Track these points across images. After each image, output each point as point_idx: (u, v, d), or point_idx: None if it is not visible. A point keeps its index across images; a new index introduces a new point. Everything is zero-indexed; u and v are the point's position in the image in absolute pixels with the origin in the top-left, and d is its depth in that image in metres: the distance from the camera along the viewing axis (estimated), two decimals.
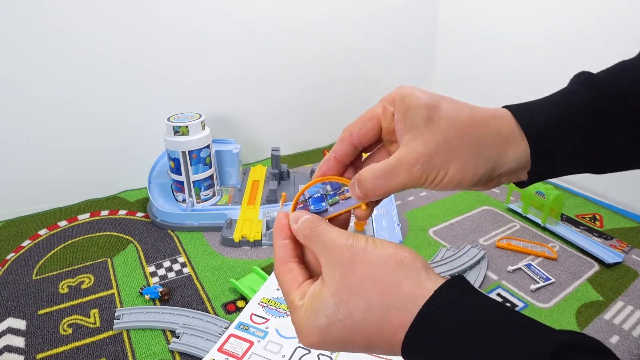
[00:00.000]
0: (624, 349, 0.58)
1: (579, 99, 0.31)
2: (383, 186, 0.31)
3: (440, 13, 1.30)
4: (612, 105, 0.30)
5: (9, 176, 0.89)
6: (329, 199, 0.34)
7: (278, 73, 1.11)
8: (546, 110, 0.31)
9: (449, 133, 0.30)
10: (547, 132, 0.30)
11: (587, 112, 0.30)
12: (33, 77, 0.84)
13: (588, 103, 0.31)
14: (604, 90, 0.31)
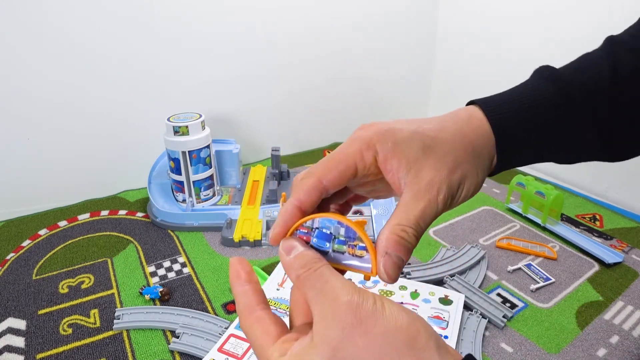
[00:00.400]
0: (624, 349, 0.59)
1: (544, 94, 0.32)
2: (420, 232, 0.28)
3: (440, 13, 1.30)
4: (576, 101, 0.31)
5: (9, 176, 0.89)
6: (337, 243, 0.28)
7: (278, 73, 1.11)
8: (512, 107, 0.32)
9: (452, 151, 0.30)
10: (513, 130, 0.31)
11: (552, 107, 0.32)
12: (33, 77, 0.84)
13: (553, 98, 0.32)
14: (567, 86, 0.32)
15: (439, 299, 0.65)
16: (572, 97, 0.31)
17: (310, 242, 0.28)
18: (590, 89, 0.31)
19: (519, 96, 0.32)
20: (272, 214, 0.83)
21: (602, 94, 0.31)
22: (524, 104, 0.32)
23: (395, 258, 0.27)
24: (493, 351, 0.58)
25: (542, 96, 0.32)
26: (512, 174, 1.04)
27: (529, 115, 0.32)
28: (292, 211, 0.29)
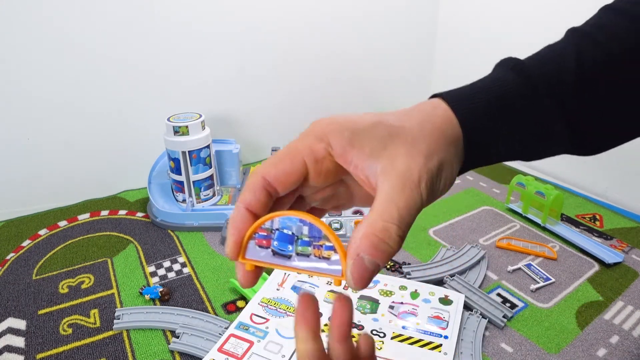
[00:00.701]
0: (623, 349, 0.59)
1: (510, 85, 0.30)
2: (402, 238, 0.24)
3: (440, 13, 1.30)
4: (542, 92, 0.29)
5: (9, 176, 0.89)
6: (300, 245, 0.25)
7: (278, 73, 1.11)
8: (477, 98, 0.29)
9: (423, 138, 0.26)
10: (480, 121, 0.29)
11: (518, 98, 0.29)
12: (33, 77, 0.84)
13: (519, 88, 0.30)
14: (533, 76, 0.30)
15: (439, 299, 0.65)
16: (538, 87, 0.30)
17: (271, 245, 0.25)
18: (556, 79, 0.30)
19: (483, 88, 0.30)
20: None
21: (569, 85, 0.30)
22: (489, 95, 0.29)
23: (368, 263, 0.23)
24: (493, 351, 0.58)
25: (507, 87, 0.30)
26: (512, 174, 1.04)
27: (495, 106, 0.29)
28: (242, 214, 0.26)
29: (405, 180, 0.24)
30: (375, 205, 0.24)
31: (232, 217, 0.26)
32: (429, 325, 0.61)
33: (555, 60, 0.31)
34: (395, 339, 0.58)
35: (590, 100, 0.30)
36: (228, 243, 0.26)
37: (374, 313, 0.63)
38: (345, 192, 0.30)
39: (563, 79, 0.30)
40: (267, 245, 0.25)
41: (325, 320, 0.62)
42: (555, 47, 0.33)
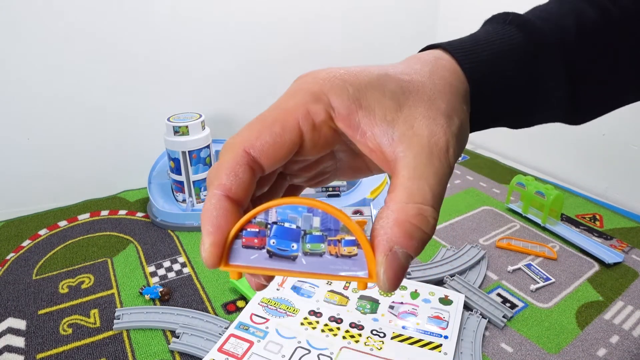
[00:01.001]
0: (624, 348, 0.59)
1: (513, 41, 0.27)
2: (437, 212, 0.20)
3: (440, 13, 1.30)
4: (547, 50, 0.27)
5: (9, 176, 0.89)
6: (309, 241, 0.19)
7: (278, 73, 1.11)
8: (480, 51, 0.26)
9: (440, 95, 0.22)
10: (485, 77, 0.26)
11: (524, 55, 0.27)
12: (33, 77, 0.84)
13: (524, 45, 0.27)
14: (534, 33, 0.27)
15: (439, 299, 0.65)
16: (543, 45, 0.27)
17: (266, 245, 0.19)
18: (558, 37, 0.28)
19: (487, 41, 0.27)
20: None
21: (572, 44, 0.28)
22: (493, 48, 0.26)
23: (403, 257, 0.18)
24: (493, 351, 0.58)
25: (512, 42, 0.27)
26: (512, 174, 1.04)
27: (500, 62, 0.26)
28: (221, 205, 0.19)
29: (432, 148, 0.20)
30: (400, 183, 0.19)
31: (208, 209, 0.19)
32: (429, 325, 0.61)
33: (554, 19, 0.29)
34: (395, 339, 0.58)
35: (590, 61, 0.28)
36: (205, 246, 0.19)
37: (374, 313, 0.63)
38: (331, 165, 0.24)
39: (565, 38, 0.28)
40: (260, 245, 0.19)
41: (326, 320, 0.62)
42: (550, 7, 0.30)
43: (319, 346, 0.57)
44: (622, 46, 0.29)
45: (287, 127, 0.20)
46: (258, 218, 0.19)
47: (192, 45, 0.97)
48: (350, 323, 0.61)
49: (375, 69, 0.22)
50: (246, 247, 0.19)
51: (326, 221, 0.19)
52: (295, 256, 0.19)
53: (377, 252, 0.18)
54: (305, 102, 0.20)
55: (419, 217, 0.18)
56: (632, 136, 0.93)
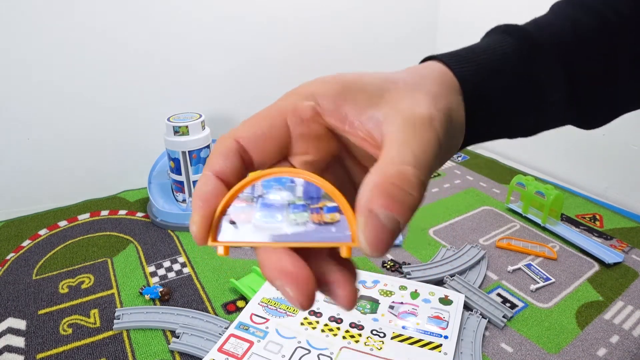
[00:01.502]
0: (624, 348, 0.59)
1: (508, 47, 0.27)
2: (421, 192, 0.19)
3: (440, 13, 1.30)
4: (544, 55, 0.27)
5: (9, 176, 0.89)
6: (292, 212, 0.19)
7: (278, 73, 1.11)
8: (475, 60, 0.26)
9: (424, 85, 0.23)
10: (480, 84, 0.26)
11: (520, 61, 0.27)
12: (33, 77, 0.84)
13: (519, 51, 0.27)
14: (530, 39, 0.28)
15: (439, 299, 0.65)
16: (541, 50, 0.27)
17: (252, 219, 0.19)
18: (555, 42, 0.28)
19: (480, 49, 0.27)
20: None
21: (570, 45, 0.28)
22: (487, 55, 0.27)
23: (385, 219, 0.17)
24: (493, 351, 0.58)
25: (506, 49, 0.27)
26: (512, 174, 1.04)
27: (494, 68, 0.26)
28: (212, 183, 0.20)
29: (415, 120, 0.20)
30: (384, 153, 0.19)
31: (199, 187, 0.20)
32: (429, 325, 0.61)
33: (551, 27, 0.29)
34: (395, 339, 0.58)
35: (588, 61, 0.29)
36: (194, 220, 0.19)
37: (374, 313, 0.63)
38: (343, 175, 0.24)
39: (561, 40, 0.28)
40: (247, 220, 0.19)
41: (326, 320, 0.62)
42: (547, 17, 0.31)
43: (319, 346, 0.57)
44: (622, 49, 0.29)
45: (275, 122, 0.21)
46: (245, 193, 0.19)
47: (192, 46, 0.97)
48: (350, 323, 0.61)
49: (365, 73, 0.23)
50: (233, 222, 0.19)
51: (308, 190, 0.19)
52: (280, 228, 0.19)
53: (357, 215, 0.18)
54: (294, 101, 0.22)
55: (399, 176, 0.18)
56: (632, 136, 0.93)
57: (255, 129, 0.21)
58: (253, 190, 0.19)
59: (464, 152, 1.21)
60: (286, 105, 0.22)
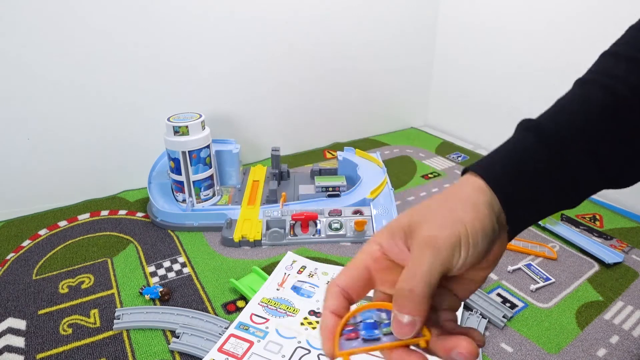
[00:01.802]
0: (624, 349, 0.59)
1: (529, 148, 0.32)
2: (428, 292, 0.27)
3: (440, 13, 1.30)
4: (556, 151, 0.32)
5: (9, 176, 0.89)
6: (384, 327, 0.29)
7: (278, 73, 1.11)
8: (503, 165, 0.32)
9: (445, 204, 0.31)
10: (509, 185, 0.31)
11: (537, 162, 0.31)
12: (33, 77, 0.84)
13: (537, 151, 0.32)
14: (545, 135, 0.32)
15: None
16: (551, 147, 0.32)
17: (359, 336, 0.29)
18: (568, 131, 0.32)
19: (507, 153, 0.33)
20: (272, 214, 0.83)
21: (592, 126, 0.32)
22: (512, 158, 0.32)
23: (399, 317, 0.28)
24: (493, 351, 0.58)
25: (528, 150, 0.32)
26: None
27: (519, 170, 0.31)
28: (329, 318, 0.30)
29: (427, 244, 0.28)
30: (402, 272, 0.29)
31: (323, 322, 0.30)
32: None
33: (565, 111, 0.33)
34: None
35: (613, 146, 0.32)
36: (326, 346, 0.30)
37: None
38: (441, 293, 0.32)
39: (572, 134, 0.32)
40: (356, 337, 0.29)
41: None
42: (564, 100, 0.35)
43: (319, 346, 0.57)
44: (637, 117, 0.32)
45: (358, 266, 0.30)
46: (351, 321, 0.30)
47: (193, 46, 0.97)
48: None
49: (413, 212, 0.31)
50: (348, 339, 0.29)
51: (389, 314, 0.29)
52: (379, 337, 0.29)
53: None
54: (368, 248, 0.31)
55: (400, 291, 0.28)
56: None
57: (348, 278, 0.30)
58: (355, 319, 0.30)
59: (464, 152, 1.21)
60: (364, 253, 0.31)
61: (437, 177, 1.07)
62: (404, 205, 0.94)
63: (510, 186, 0.31)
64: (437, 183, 1.04)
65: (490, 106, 1.21)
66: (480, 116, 1.26)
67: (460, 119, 1.34)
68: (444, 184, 1.04)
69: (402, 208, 0.93)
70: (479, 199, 0.30)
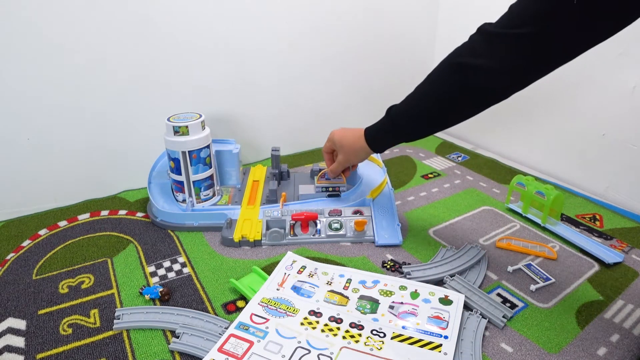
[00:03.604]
0: (624, 347, 0.59)
1: (383, 120, 0.76)
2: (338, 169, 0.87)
3: (439, 13, 1.30)
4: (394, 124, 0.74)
5: (9, 176, 0.89)
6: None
7: (278, 73, 1.11)
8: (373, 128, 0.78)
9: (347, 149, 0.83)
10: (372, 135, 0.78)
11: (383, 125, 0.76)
12: (33, 77, 0.84)
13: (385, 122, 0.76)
14: (390, 116, 0.74)
15: (439, 299, 0.65)
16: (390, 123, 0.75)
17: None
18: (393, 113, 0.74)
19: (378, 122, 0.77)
20: (272, 214, 0.83)
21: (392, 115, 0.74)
22: (376, 124, 0.77)
23: (330, 175, 0.90)
24: (493, 351, 0.58)
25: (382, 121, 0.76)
26: (512, 174, 1.04)
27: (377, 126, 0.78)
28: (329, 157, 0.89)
29: (342, 159, 0.85)
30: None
31: (327, 163, 0.90)
32: (429, 325, 0.61)
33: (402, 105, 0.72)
34: (395, 339, 0.58)
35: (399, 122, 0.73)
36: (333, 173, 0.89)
37: (374, 313, 0.63)
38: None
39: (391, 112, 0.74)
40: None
41: (326, 320, 0.62)
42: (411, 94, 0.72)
43: (319, 346, 0.57)
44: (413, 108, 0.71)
45: (328, 148, 0.88)
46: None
47: (193, 46, 0.97)
48: (350, 323, 0.61)
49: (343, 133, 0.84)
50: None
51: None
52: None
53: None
54: (328, 142, 0.88)
55: (331, 168, 0.88)
56: (632, 136, 0.93)
57: (328, 149, 0.88)
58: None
59: (464, 152, 1.21)
60: (328, 142, 0.87)
61: (437, 177, 1.07)
62: (404, 206, 0.94)
63: (371, 135, 0.78)
64: (437, 183, 1.04)
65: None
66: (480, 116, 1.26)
67: None
68: (444, 184, 1.04)
69: (403, 208, 0.93)
70: (361, 140, 0.79)
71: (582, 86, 1.00)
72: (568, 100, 1.04)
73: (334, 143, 0.83)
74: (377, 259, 0.77)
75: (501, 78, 0.59)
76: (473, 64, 0.59)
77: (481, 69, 0.58)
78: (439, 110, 0.67)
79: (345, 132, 0.81)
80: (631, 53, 0.90)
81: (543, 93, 1.07)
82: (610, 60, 0.93)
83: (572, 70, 1.08)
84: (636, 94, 0.91)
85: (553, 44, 0.53)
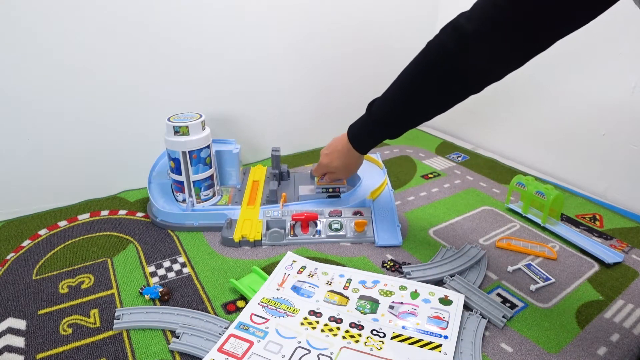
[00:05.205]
0: (624, 347, 0.59)
1: (363, 117, 0.77)
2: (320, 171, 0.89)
3: (439, 14, 1.30)
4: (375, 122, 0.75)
5: (9, 176, 0.89)
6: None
7: (278, 73, 1.11)
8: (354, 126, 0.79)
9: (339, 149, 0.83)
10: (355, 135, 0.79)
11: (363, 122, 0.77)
12: (33, 77, 0.84)
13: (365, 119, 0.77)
14: (370, 109, 0.75)
15: (439, 299, 0.65)
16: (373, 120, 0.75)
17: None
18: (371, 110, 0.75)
19: (358, 120, 0.78)
20: (272, 214, 0.83)
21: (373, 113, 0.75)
22: (357, 123, 0.79)
23: (315, 173, 0.90)
24: (493, 351, 0.58)
25: (363, 118, 0.77)
26: (512, 174, 1.04)
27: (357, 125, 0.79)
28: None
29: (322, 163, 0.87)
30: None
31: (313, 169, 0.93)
32: (429, 325, 0.61)
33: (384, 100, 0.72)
34: (395, 339, 0.58)
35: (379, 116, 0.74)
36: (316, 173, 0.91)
37: (373, 313, 0.63)
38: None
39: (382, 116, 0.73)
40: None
41: (326, 320, 0.62)
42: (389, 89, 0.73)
43: (319, 346, 0.57)
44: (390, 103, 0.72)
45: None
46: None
47: (193, 46, 0.97)
48: (350, 323, 0.61)
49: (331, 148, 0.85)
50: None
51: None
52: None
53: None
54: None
55: (315, 169, 0.90)
56: (632, 136, 0.93)
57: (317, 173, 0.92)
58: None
59: (464, 152, 1.21)
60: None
61: (437, 177, 1.07)
62: (404, 206, 0.94)
63: (353, 135, 0.79)
64: (437, 183, 1.04)
65: (490, 106, 1.21)
66: (480, 116, 1.26)
67: (460, 119, 1.34)
68: (444, 184, 1.04)
69: (402, 208, 0.93)
70: (345, 141, 0.80)
71: (582, 86, 1.00)
72: (568, 100, 1.04)
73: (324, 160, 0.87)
74: (377, 259, 0.77)
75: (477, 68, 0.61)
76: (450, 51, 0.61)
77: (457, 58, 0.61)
78: (413, 94, 0.67)
79: (330, 143, 0.85)
80: (631, 53, 0.90)
81: (543, 93, 1.07)
82: (610, 60, 0.93)
83: (572, 70, 1.08)
84: (636, 94, 0.91)
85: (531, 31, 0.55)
